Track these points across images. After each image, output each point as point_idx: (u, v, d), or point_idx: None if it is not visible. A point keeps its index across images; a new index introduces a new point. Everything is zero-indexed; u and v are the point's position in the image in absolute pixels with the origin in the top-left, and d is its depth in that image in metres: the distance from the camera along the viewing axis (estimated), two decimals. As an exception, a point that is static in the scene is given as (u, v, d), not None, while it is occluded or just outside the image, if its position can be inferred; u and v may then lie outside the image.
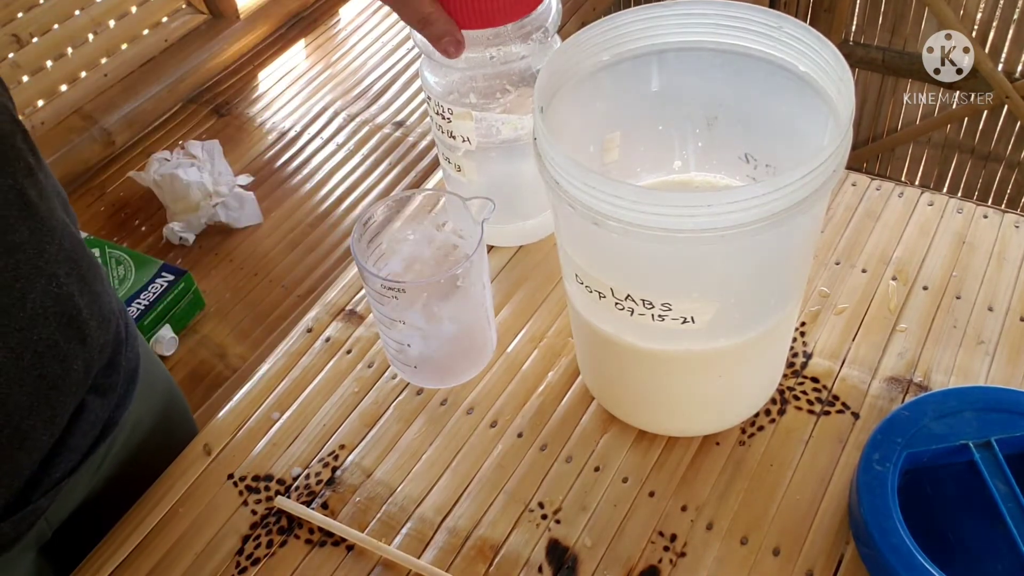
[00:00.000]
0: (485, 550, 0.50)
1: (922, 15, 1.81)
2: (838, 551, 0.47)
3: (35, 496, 0.48)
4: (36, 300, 0.45)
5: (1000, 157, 1.91)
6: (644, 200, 0.37)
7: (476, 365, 0.56)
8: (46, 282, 0.46)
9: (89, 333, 0.50)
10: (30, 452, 0.47)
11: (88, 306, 0.49)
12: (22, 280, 0.44)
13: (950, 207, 0.63)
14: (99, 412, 0.52)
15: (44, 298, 0.46)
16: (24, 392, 0.45)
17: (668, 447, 0.53)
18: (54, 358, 0.47)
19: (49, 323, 0.46)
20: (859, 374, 0.55)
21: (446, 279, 0.49)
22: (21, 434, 0.45)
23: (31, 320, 0.45)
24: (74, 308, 0.48)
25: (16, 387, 0.45)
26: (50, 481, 0.49)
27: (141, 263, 1.43)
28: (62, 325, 0.47)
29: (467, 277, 0.49)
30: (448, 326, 0.51)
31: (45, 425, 0.47)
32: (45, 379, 0.46)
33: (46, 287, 0.46)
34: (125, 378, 0.55)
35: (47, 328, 0.46)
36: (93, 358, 0.51)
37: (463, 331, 0.53)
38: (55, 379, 0.47)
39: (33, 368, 0.45)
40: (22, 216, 0.44)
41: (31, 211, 0.45)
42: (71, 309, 0.48)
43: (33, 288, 0.45)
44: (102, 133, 1.71)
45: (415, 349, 0.52)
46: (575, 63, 0.46)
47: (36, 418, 0.46)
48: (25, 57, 1.64)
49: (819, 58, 0.42)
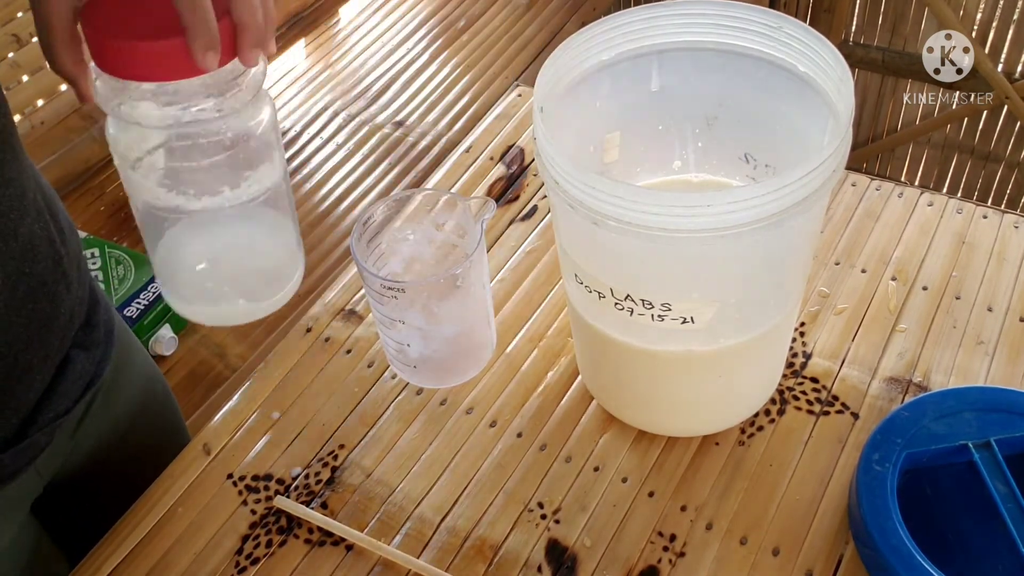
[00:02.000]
0: (484, 550, 0.50)
1: (922, 15, 1.81)
2: (837, 551, 0.47)
3: (32, 431, 0.51)
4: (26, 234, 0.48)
5: (1000, 157, 1.91)
6: (644, 200, 0.37)
7: (476, 365, 0.56)
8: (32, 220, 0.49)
9: (71, 282, 0.53)
10: (28, 388, 0.50)
11: (67, 255, 0.52)
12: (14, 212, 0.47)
13: (950, 207, 0.63)
14: (85, 365, 0.55)
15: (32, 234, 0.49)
16: (21, 324, 0.48)
17: (668, 447, 0.53)
18: (45, 296, 0.50)
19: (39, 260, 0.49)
20: (859, 374, 0.55)
21: (446, 279, 0.49)
22: (20, 367, 0.49)
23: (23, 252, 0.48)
24: (56, 253, 0.51)
25: (14, 316, 0.47)
26: (44, 420, 0.52)
27: (141, 263, 1.42)
28: (50, 266, 0.50)
29: (467, 277, 0.49)
30: (448, 326, 0.51)
31: (41, 363, 0.50)
32: (38, 315, 0.49)
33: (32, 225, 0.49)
34: (104, 336, 0.58)
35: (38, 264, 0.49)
36: (75, 309, 0.54)
37: (463, 331, 0.53)
38: (46, 318, 0.50)
39: (28, 301, 0.48)
40: (10, 156, 0.47)
41: (16, 153, 0.48)
42: (55, 252, 0.51)
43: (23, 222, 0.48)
44: (102, 133, 1.71)
45: (415, 349, 0.52)
46: (575, 63, 0.46)
47: (33, 354, 0.49)
48: (25, 56, 1.64)
49: (819, 58, 0.42)
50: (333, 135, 1.73)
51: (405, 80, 1.83)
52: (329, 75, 1.86)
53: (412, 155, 1.66)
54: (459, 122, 1.71)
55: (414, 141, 1.69)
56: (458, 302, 0.50)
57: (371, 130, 1.73)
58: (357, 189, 1.62)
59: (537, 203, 0.69)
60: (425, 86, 1.80)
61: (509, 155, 0.73)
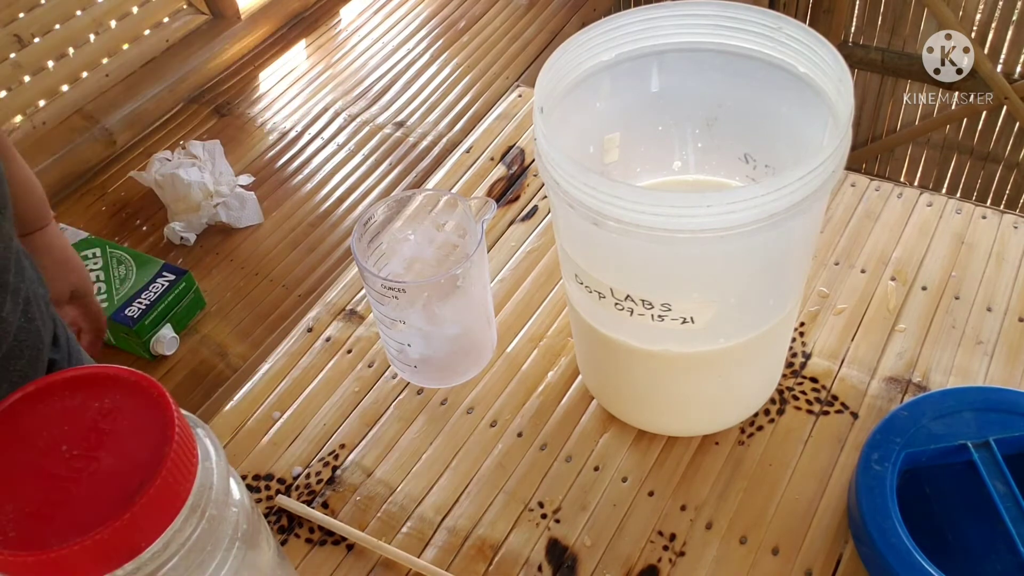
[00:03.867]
0: (485, 549, 0.50)
1: (922, 15, 1.81)
2: (837, 551, 0.47)
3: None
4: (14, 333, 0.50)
5: (999, 157, 1.91)
6: (644, 200, 0.37)
7: (476, 365, 0.56)
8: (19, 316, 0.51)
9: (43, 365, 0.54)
10: None
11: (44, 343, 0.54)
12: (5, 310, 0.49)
13: (949, 207, 0.63)
14: None
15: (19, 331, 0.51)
16: None
17: (667, 447, 0.53)
18: None
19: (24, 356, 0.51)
20: (858, 374, 0.55)
21: (447, 279, 0.49)
22: None
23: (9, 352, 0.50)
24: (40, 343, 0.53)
25: None
26: None
27: (142, 263, 1.43)
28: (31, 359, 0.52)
29: (467, 277, 0.49)
30: (449, 326, 0.51)
31: None
32: None
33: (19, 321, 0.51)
34: None
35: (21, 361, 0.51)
36: None
37: (463, 331, 0.53)
38: None
39: None
40: None
41: None
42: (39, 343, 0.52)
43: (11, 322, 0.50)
44: (103, 133, 1.71)
45: (415, 349, 0.52)
46: (575, 63, 0.46)
47: None
48: (27, 57, 1.65)
49: (818, 59, 0.43)
50: (334, 135, 1.74)
51: (406, 81, 1.83)
52: (330, 75, 1.87)
53: (413, 155, 1.67)
54: (459, 122, 1.71)
55: (415, 141, 1.70)
56: (459, 302, 0.50)
57: (372, 130, 1.73)
58: (358, 189, 1.63)
59: (537, 203, 0.69)
60: (426, 86, 1.81)
61: (509, 155, 0.73)
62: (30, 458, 0.28)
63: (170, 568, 0.28)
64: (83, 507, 0.26)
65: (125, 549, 0.27)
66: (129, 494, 0.26)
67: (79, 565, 0.26)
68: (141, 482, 0.27)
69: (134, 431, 0.28)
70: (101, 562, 0.26)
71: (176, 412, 0.28)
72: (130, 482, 0.27)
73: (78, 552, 0.25)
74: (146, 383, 0.29)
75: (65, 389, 0.29)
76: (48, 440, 0.28)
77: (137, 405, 0.29)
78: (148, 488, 0.26)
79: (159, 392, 0.29)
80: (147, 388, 0.29)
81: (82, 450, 0.28)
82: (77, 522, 0.26)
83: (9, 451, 0.28)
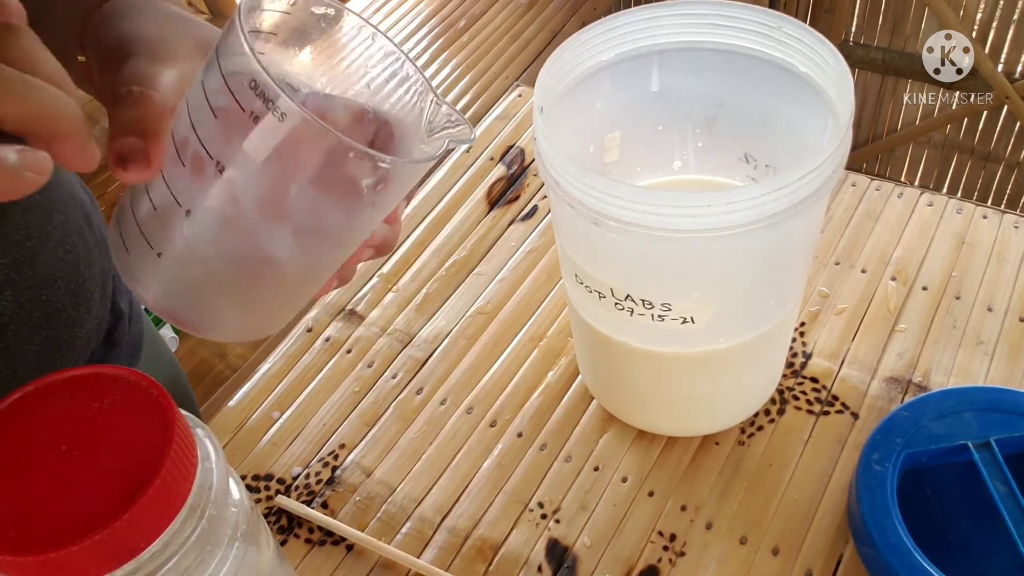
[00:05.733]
0: (485, 549, 0.50)
1: (922, 15, 1.81)
2: (837, 551, 0.47)
3: None
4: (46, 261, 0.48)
5: (1000, 157, 1.91)
6: (644, 200, 0.37)
7: (264, 317, 0.35)
8: (55, 245, 0.48)
9: (92, 304, 0.52)
10: None
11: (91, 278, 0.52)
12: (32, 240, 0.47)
13: (950, 207, 0.63)
14: None
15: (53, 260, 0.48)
16: (32, 351, 0.47)
17: (668, 447, 0.53)
18: (62, 322, 0.49)
19: (58, 286, 0.49)
20: (858, 374, 0.55)
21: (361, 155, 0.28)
22: None
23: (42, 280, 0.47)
24: (80, 276, 0.50)
25: (25, 343, 0.47)
26: None
27: (141, 263, 1.43)
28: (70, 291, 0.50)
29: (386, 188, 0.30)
30: (291, 233, 0.31)
31: None
32: (52, 340, 0.49)
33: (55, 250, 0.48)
34: (128, 354, 0.57)
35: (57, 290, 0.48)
36: (94, 329, 0.53)
37: (304, 253, 0.32)
38: (61, 342, 0.50)
39: (42, 328, 0.48)
40: None
41: None
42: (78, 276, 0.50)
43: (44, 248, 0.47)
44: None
45: (190, 225, 0.30)
46: (575, 63, 0.46)
47: None
48: (26, 57, 1.64)
49: (819, 58, 0.42)
50: (333, 135, 1.73)
51: (405, 80, 1.83)
52: (330, 75, 1.86)
53: (412, 155, 1.67)
54: (459, 122, 1.71)
55: (414, 141, 1.69)
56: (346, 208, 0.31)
57: (371, 130, 1.73)
58: (357, 189, 1.62)
59: (537, 203, 0.69)
60: (425, 86, 1.80)
61: (509, 155, 0.73)
62: (30, 458, 0.28)
63: (169, 568, 0.28)
64: (83, 507, 0.26)
65: (125, 549, 0.27)
66: (129, 494, 0.26)
67: (79, 565, 0.26)
68: (141, 482, 0.27)
69: (134, 431, 0.28)
70: (101, 562, 0.26)
71: (176, 412, 0.28)
72: (130, 482, 0.27)
73: (77, 552, 0.25)
74: (146, 383, 0.29)
75: (65, 389, 0.29)
76: (48, 440, 0.28)
77: (137, 405, 0.29)
78: (148, 488, 0.26)
79: (159, 392, 0.29)
80: (147, 388, 0.29)
81: (82, 450, 0.28)
82: (77, 522, 0.26)
83: (8, 451, 0.28)
